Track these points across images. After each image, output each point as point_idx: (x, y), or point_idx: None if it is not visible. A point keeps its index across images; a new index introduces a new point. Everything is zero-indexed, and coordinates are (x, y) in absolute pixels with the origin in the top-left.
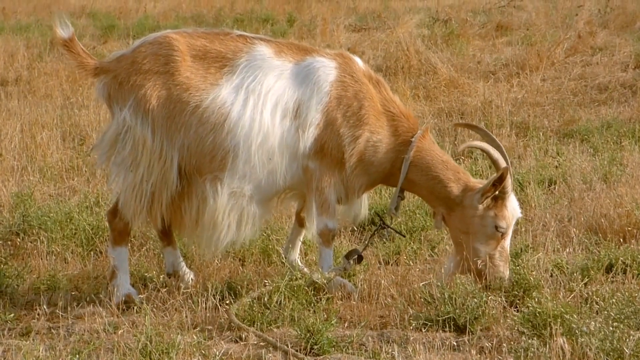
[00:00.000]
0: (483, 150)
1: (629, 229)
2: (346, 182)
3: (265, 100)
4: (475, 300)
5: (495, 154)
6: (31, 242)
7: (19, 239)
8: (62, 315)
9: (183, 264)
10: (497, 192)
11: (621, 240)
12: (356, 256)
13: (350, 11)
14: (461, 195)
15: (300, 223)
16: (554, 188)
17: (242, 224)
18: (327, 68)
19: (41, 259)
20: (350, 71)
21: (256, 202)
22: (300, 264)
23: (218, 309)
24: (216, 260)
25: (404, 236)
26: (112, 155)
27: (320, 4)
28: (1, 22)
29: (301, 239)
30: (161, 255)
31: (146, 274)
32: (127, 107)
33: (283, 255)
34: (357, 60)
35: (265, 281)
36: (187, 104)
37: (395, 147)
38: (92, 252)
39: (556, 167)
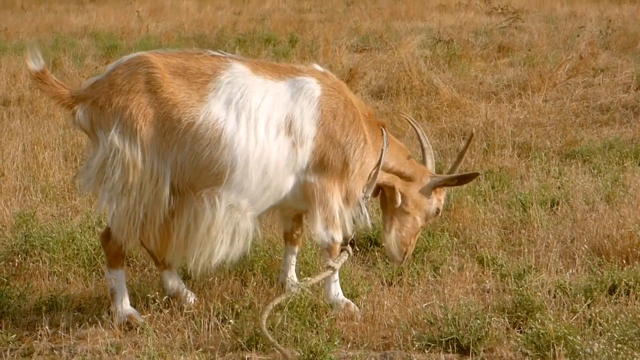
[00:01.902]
0: (423, 146)
1: (632, 250)
2: (346, 191)
3: (257, 116)
4: (479, 321)
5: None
6: (33, 263)
7: (21, 259)
8: (64, 336)
9: (183, 285)
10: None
11: (624, 261)
12: (352, 240)
13: (352, 32)
14: (420, 174)
15: (293, 242)
16: (557, 209)
17: (235, 238)
18: (310, 84)
19: (43, 279)
20: (330, 83)
21: (249, 217)
22: (299, 283)
23: (220, 329)
24: (215, 280)
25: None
26: (101, 181)
27: (322, 25)
28: (3, 42)
29: (295, 260)
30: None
31: (148, 295)
32: (112, 130)
33: (281, 284)
34: (327, 71)
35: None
36: (178, 122)
37: (376, 143)
38: (94, 273)
39: (559, 187)
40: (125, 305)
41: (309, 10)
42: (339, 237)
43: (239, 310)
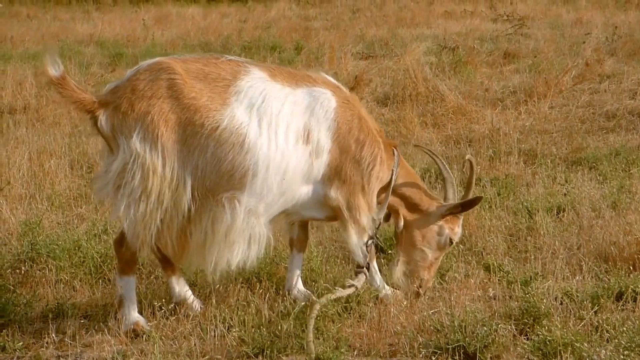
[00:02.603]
0: (444, 176)
1: (639, 256)
2: (369, 203)
3: (277, 122)
4: (485, 328)
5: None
6: (39, 270)
7: (27, 267)
8: (70, 344)
9: (190, 292)
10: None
11: (631, 268)
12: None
13: (357, 39)
14: (427, 204)
15: (298, 248)
16: (563, 216)
17: (252, 243)
18: (325, 96)
19: (49, 287)
20: (344, 96)
21: (264, 221)
22: (305, 290)
23: (226, 336)
24: (221, 287)
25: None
26: (119, 186)
27: (327, 32)
28: (9, 50)
29: (301, 266)
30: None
31: (155, 302)
32: (134, 136)
33: (286, 289)
34: (338, 83)
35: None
36: (201, 126)
37: (387, 158)
38: (100, 280)
39: (565, 194)
40: (132, 312)
41: (314, 17)
42: (372, 246)
43: (245, 318)
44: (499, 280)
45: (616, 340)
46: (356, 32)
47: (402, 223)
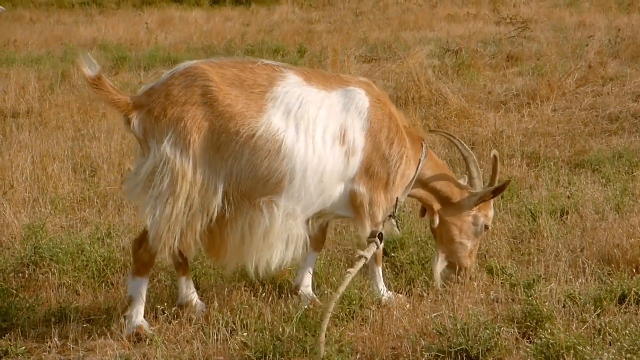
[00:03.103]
0: (465, 155)
1: None
2: (390, 202)
3: (314, 126)
4: (488, 331)
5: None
6: (42, 274)
7: (30, 271)
8: (73, 348)
9: (195, 294)
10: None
11: (634, 270)
12: (380, 233)
13: (360, 42)
14: (458, 195)
15: (315, 247)
16: (566, 218)
17: (290, 244)
18: (360, 95)
19: (52, 290)
20: (376, 95)
21: (301, 222)
22: (311, 293)
23: (229, 340)
24: (225, 291)
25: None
26: (148, 188)
27: (330, 35)
28: (12, 54)
29: (313, 265)
30: (174, 286)
31: (157, 306)
32: (165, 140)
33: (294, 286)
34: (369, 81)
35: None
36: (236, 134)
37: (415, 155)
38: (103, 284)
39: (568, 197)
40: (138, 315)
41: (317, 20)
42: (381, 244)
43: (247, 322)
44: (501, 283)
45: (619, 343)
46: (359, 35)
47: (437, 219)
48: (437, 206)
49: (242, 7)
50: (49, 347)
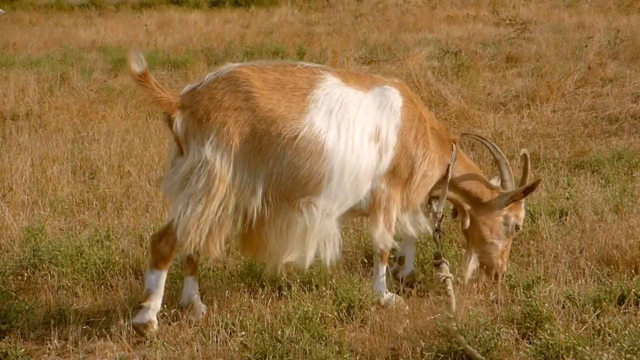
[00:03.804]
0: (497, 158)
1: None
2: (407, 199)
3: (354, 126)
4: (488, 332)
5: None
6: (42, 277)
7: (29, 273)
8: (72, 350)
9: (198, 297)
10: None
11: (633, 271)
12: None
13: (360, 43)
14: (489, 195)
15: None
16: (565, 219)
17: (327, 243)
18: (395, 94)
19: (52, 293)
20: (408, 96)
21: (335, 221)
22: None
23: (229, 342)
24: (226, 293)
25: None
26: (184, 187)
27: (330, 37)
28: (12, 56)
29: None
30: (172, 289)
31: None
32: (207, 143)
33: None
34: (402, 82)
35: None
36: (278, 136)
37: (443, 159)
38: (102, 286)
39: (567, 198)
40: (154, 311)
41: (316, 22)
42: (390, 243)
43: (247, 323)
44: (501, 284)
45: (618, 344)
46: (359, 36)
47: (468, 221)
48: (467, 207)
49: (241, 9)
50: (49, 349)
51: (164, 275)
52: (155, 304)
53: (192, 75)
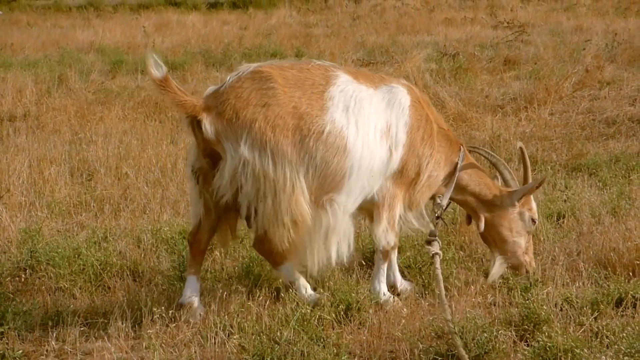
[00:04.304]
0: (493, 162)
1: (638, 262)
2: (410, 198)
3: (369, 122)
4: (486, 334)
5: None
6: (39, 278)
7: (27, 275)
8: (70, 351)
9: (198, 297)
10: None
11: (630, 274)
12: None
13: (358, 46)
14: (499, 196)
15: None
16: (563, 222)
17: (346, 239)
18: (403, 93)
19: (49, 294)
20: (416, 96)
21: (350, 218)
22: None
23: (226, 344)
24: (224, 294)
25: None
26: (236, 188)
27: (328, 39)
28: (10, 57)
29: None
30: (170, 290)
31: (155, 309)
32: (242, 142)
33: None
34: (410, 84)
35: None
36: (308, 131)
37: (449, 159)
38: (100, 288)
39: (565, 200)
40: (304, 286)
41: (315, 24)
42: (392, 241)
43: (245, 325)
44: (499, 286)
45: (616, 346)
46: (357, 38)
47: (482, 224)
48: (480, 210)
49: (239, 10)
50: (47, 350)
51: (292, 265)
52: (303, 282)
53: (190, 77)
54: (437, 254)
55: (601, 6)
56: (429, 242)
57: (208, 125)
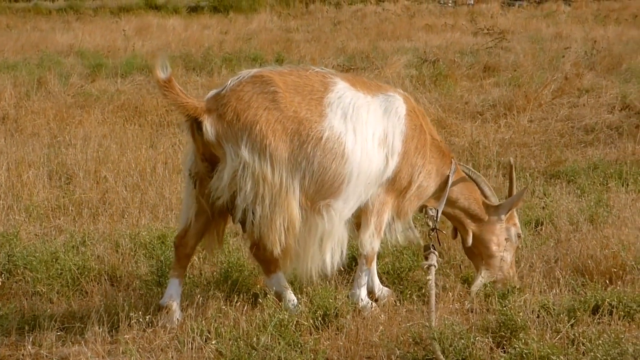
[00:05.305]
0: (473, 178)
1: (615, 270)
2: (399, 206)
3: (367, 129)
4: (463, 341)
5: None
6: (16, 282)
7: (4, 279)
8: (47, 356)
9: (178, 302)
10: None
11: (607, 281)
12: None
13: (338, 51)
14: (486, 210)
15: None
16: (541, 229)
17: (340, 245)
18: (399, 102)
19: (26, 299)
20: (412, 106)
21: (345, 224)
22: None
23: (203, 349)
24: (201, 299)
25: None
26: (234, 191)
27: (308, 44)
28: None
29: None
30: (148, 295)
31: (132, 314)
32: (242, 144)
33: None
34: (406, 94)
35: None
36: (307, 136)
37: (440, 171)
38: (77, 292)
39: (543, 208)
40: (290, 300)
41: (295, 29)
42: (377, 247)
43: (222, 330)
44: (476, 293)
45: (592, 353)
46: (337, 44)
47: (470, 239)
48: (469, 224)
49: (220, 15)
50: (23, 355)
51: (282, 275)
52: (290, 295)
53: None
54: (432, 265)
55: (580, 14)
56: (426, 257)
57: (209, 126)
